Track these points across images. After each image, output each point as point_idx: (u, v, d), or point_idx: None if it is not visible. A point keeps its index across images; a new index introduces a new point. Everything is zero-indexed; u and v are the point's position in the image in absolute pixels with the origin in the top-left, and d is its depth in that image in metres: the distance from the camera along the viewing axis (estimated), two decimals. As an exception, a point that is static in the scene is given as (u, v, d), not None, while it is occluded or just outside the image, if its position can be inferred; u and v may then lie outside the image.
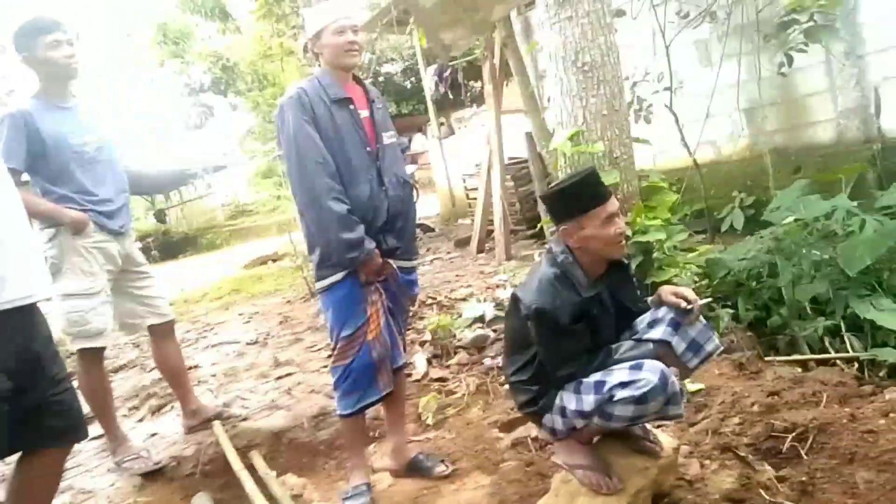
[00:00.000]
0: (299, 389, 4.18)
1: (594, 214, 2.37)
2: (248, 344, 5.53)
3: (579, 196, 2.41)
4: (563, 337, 2.38)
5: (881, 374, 3.52)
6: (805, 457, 2.73)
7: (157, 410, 4.27)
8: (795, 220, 4.27)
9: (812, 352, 3.81)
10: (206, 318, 6.98)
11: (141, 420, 4.20)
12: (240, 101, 17.45)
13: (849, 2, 5.44)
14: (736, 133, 6.73)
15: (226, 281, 10.05)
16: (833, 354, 3.68)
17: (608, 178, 3.74)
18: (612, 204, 2.42)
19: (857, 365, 3.57)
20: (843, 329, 3.77)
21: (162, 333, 3.69)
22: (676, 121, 6.00)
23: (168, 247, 18.55)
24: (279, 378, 4.45)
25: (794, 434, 2.83)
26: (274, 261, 11.26)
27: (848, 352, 3.67)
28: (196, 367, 5.10)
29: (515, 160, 8.18)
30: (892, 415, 2.85)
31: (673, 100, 6.44)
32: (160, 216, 20.07)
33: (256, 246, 13.68)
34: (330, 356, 4.69)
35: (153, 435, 3.86)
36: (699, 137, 6.60)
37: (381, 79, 17.72)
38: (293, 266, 8.35)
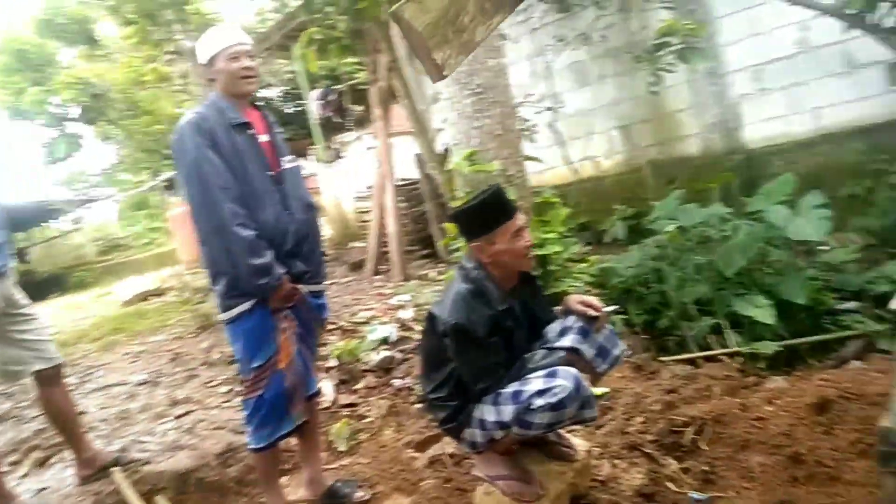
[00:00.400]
0: (202, 427, 3.99)
1: (503, 230, 2.46)
2: (138, 384, 5.21)
3: (488, 213, 2.48)
4: (480, 350, 2.43)
5: (761, 365, 3.83)
6: (705, 448, 2.93)
7: (42, 463, 3.93)
8: (676, 228, 4.56)
9: (700, 349, 4.08)
10: (87, 360, 6.51)
11: (25, 475, 3.86)
12: (111, 130, 16.57)
13: (709, 26, 5.94)
14: (614, 149, 7.12)
15: (104, 320, 9.43)
16: (718, 350, 3.96)
17: (505, 195, 3.86)
18: (520, 218, 2.51)
19: (741, 358, 3.86)
20: (727, 325, 4.07)
21: (49, 379, 3.41)
22: (558, 139, 6.28)
23: (33, 288, 17.14)
24: (178, 417, 4.23)
25: (692, 427, 3.03)
26: (157, 295, 10.71)
27: (731, 347, 3.96)
28: (83, 413, 4.75)
29: (406, 181, 8.25)
30: (776, 401, 3.11)
31: (555, 119, 6.76)
32: (21, 255, 18.61)
33: (134, 282, 12.96)
34: (231, 390, 4.60)
35: (42, 490, 3.56)
36: (580, 154, 6.95)
37: (259, 103, 17.37)
38: (179, 300, 7.94)
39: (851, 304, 4.15)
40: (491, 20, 0.66)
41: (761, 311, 3.91)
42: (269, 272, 2.67)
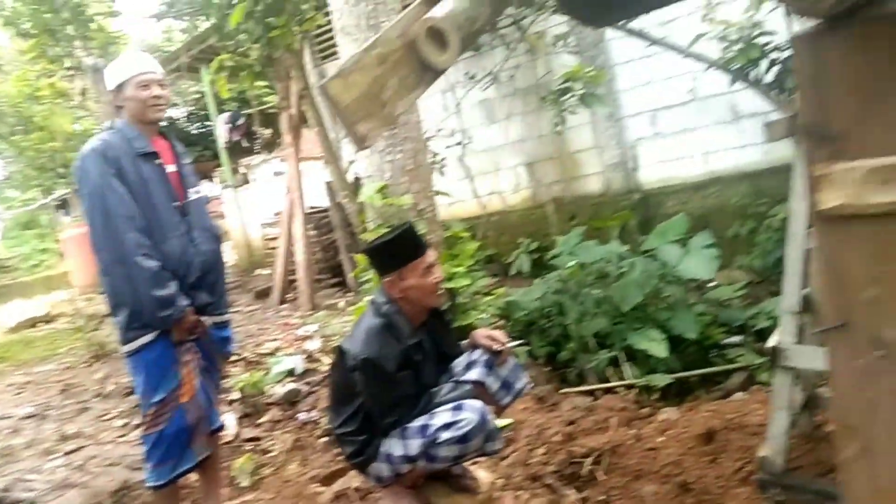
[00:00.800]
0: (94, 463, 3.80)
1: (414, 266, 2.52)
2: (24, 418, 4.90)
3: (400, 249, 2.54)
4: (389, 385, 2.47)
5: (655, 396, 4.04)
6: (602, 478, 3.06)
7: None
8: (576, 264, 4.76)
9: (599, 381, 4.26)
10: (-36, 392, 6.08)
11: None
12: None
13: (610, 72, 6.29)
14: (520, 185, 7.35)
15: (-15, 348, 8.81)
16: (615, 383, 4.15)
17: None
18: (430, 255, 2.59)
19: (636, 390, 4.05)
20: (624, 359, 4.27)
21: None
22: (467, 174, 6.44)
23: None
24: (68, 453, 4.00)
25: (591, 458, 3.16)
26: (46, 322, 10.09)
27: (627, 379, 4.16)
28: (-42, 449, 4.42)
29: (316, 209, 8.20)
30: (668, 432, 3.28)
31: (464, 154, 6.93)
32: None
33: (20, 306, 12.15)
34: (127, 424, 4.40)
35: None
36: (488, 189, 7.14)
37: (164, 123, 16.87)
38: (71, 327, 7.53)
39: (736, 339, 4.44)
40: (411, 93, 0.72)
41: (655, 345, 4.13)
42: (172, 304, 2.63)
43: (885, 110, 0.75)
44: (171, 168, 2.84)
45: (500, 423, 3.48)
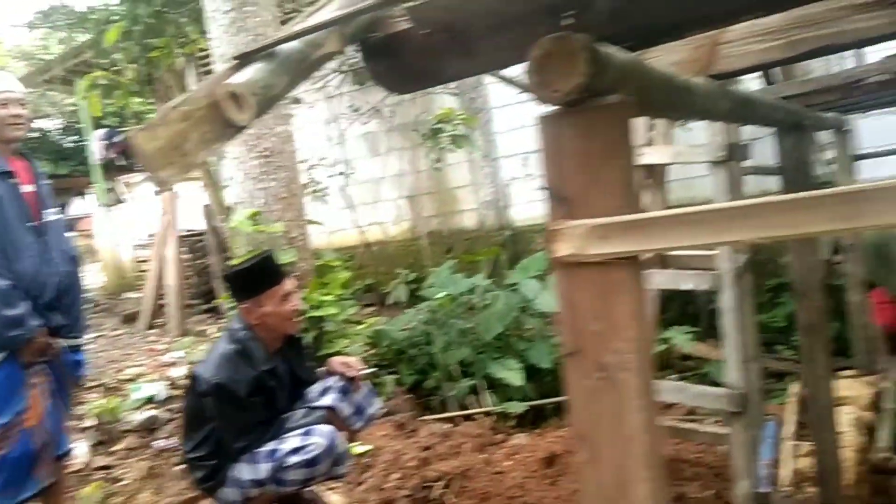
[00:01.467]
0: (-77, 494, 3.57)
1: (272, 293, 2.61)
2: None
3: (259, 276, 2.62)
4: (241, 410, 2.53)
5: (511, 423, 4.26)
6: (452, 500, 3.21)
7: None
8: (446, 295, 4.96)
9: (460, 408, 4.44)
10: None
11: None
12: None
13: (485, 115, 6.62)
14: (400, 217, 7.54)
15: None
16: (475, 410, 4.35)
17: (286, 258, 4.00)
18: (289, 283, 2.68)
19: (494, 417, 4.26)
20: (484, 386, 4.48)
21: None
22: (348, 204, 6.55)
23: None
24: None
25: (442, 482, 3.31)
26: None
27: (486, 406, 4.36)
28: None
29: (192, 232, 8.04)
30: (515, 456, 3.50)
31: (346, 184, 7.04)
32: None
33: None
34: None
35: None
36: (369, 219, 7.28)
37: (35, 135, 15.92)
38: None
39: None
40: (212, 146, 0.84)
41: (512, 374, 4.37)
42: (21, 324, 2.58)
43: (603, 180, 0.94)
44: (28, 188, 2.80)
45: (360, 448, 3.60)
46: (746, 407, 2.64)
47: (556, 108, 0.99)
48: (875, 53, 2.73)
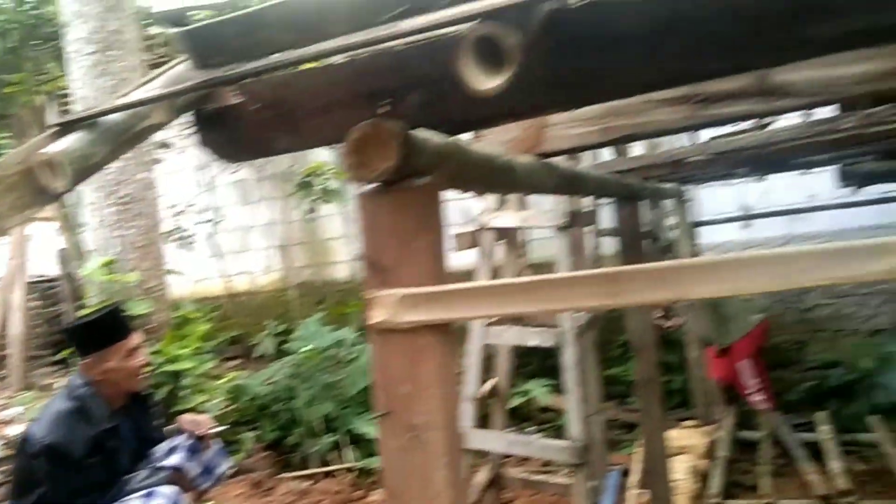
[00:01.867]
0: None
1: (117, 348, 2.51)
2: None
3: (103, 330, 2.52)
4: (74, 472, 2.39)
5: (373, 479, 4.24)
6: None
7: None
8: (312, 349, 4.91)
9: (322, 465, 4.37)
10: None
11: None
12: None
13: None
14: (270, 267, 7.42)
15: None
16: (336, 466, 4.30)
17: (140, 308, 3.85)
18: (135, 337, 2.59)
19: (355, 473, 4.23)
20: (347, 443, 4.44)
21: None
22: (216, 253, 6.39)
23: None
24: None
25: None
26: None
27: (348, 463, 4.32)
28: None
29: (44, 277, 7.52)
30: (373, 513, 3.49)
31: (215, 232, 6.88)
32: None
33: None
34: None
35: None
36: (238, 269, 7.13)
37: None
38: None
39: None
40: (25, 211, 0.85)
41: (374, 429, 4.36)
42: None
43: (413, 253, 1.03)
44: None
45: (210, 509, 3.46)
46: (588, 458, 2.80)
47: (373, 185, 1.07)
48: (708, 132, 3.06)
